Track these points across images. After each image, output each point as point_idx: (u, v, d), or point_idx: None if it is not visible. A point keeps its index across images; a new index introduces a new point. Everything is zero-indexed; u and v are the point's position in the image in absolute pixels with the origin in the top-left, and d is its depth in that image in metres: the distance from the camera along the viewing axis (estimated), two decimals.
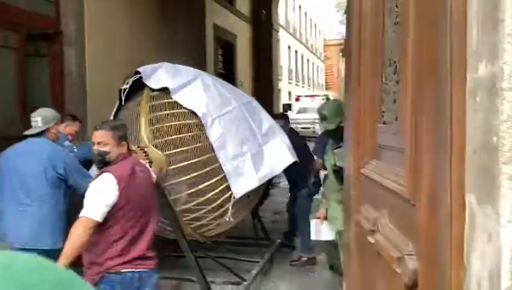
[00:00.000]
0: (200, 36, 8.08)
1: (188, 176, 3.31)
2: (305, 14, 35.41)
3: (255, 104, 4.00)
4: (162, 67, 3.62)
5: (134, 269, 2.59)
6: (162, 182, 3.18)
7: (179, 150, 3.30)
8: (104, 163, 2.68)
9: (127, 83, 3.49)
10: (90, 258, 2.64)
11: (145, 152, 3.19)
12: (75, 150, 3.81)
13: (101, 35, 5.73)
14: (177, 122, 3.33)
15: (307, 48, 36.57)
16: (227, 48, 10.49)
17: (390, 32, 1.71)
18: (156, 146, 3.29)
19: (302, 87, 34.26)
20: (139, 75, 3.49)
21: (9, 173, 3.13)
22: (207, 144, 3.32)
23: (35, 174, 3.07)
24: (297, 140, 4.77)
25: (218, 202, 3.33)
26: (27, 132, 3.31)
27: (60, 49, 5.21)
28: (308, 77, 37.73)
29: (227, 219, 3.23)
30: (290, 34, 29.47)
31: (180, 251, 3.55)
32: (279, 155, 3.59)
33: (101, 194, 2.57)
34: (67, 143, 3.70)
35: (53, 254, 2.73)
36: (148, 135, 3.34)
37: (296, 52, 32.45)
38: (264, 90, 11.96)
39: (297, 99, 23.56)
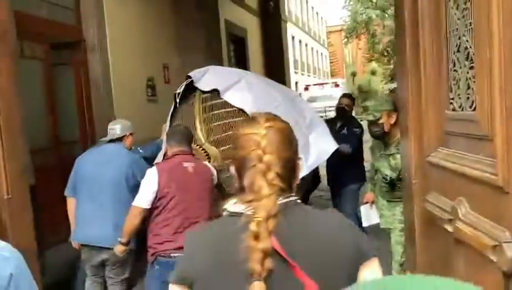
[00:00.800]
0: (215, 33, 8.09)
1: None
2: (306, 1, 35.19)
3: (298, 97, 4.15)
4: (209, 71, 3.76)
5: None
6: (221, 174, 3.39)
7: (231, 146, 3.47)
8: None
9: (181, 88, 3.65)
10: (148, 241, 3.02)
11: (203, 149, 3.39)
12: (141, 151, 4.08)
13: (121, 39, 5.75)
14: (228, 120, 3.51)
15: (311, 36, 36.39)
16: (238, 43, 10.48)
17: (457, 19, 1.70)
18: (210, 143, 3.48)
19: (308, 76, 34.13)
20: (190, 79, 3.65)
21: (88, 177, 3.36)
22: None
23: (115, 180, 3.31)
24: None
25: None
26: (104, 139, 3.62)
27: (83, 56, 5.25)
28: (313, 65, 37.58)
29: None
30: (293, 23, 29.34)
31: None
32: (324, 143, 3.75)
33: (145, 184, 2.97)
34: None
35: (130, 252, 3.25)
36: (203, 133, 3.54)
37: (300, 41, 32.31)
38: (277, 81, 11.94)
39: (306, 89, 23.47)
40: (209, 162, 3.34)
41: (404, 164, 2.35)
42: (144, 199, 2.95)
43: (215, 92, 3.55)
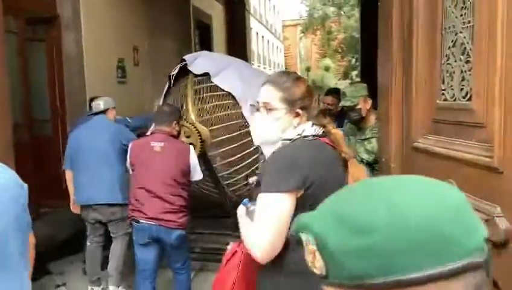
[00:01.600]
0: (185, 18, 8.09)
1: (224, 149, 3.80)
2: None
3: None
4: (201, 55, 4.00)
5: (150, 222, 3.12)
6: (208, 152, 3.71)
7: (219, 126, 3.74)
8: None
9: (175, 69, 3.87)
10: None
11: (195, 128, 3.68)
12: (129, 121, 4.61)
13: (95, 18, 5.69)
14: (217, 103, 3.74)
15: (267, 29, 36.60)
16: (204, 29, 10.48)
17: (455, 17, 1.91)
18: (201, 123, 3.75)
19: (264, 68, 34.39)
20: (184, 62, 3.84)
21: (82, 148, 3.76)
22: (240, 122, 3.70)
23: (106, 148, 3.74)
24: None
25: (247, 172, 3.76)
26: (91, 112, 4.09)
27: (58, 33, 5.16)
28: (268, 58, 37.86)
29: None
30: (251, 14, 29.41)
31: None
32: None
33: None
34: (119, 117, 4.40)
35: (124, 206, 3.57)
36: (194, 113, 3.78)
37: (257, 33, 32.47)
38: None
39: None
40: (200, 139, 3.66)
41: (381, 148, 2.46)
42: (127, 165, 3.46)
43: (206, 76, 3.76)
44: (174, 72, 3.82)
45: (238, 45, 12.01)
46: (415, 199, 0.52)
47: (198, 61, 3.80)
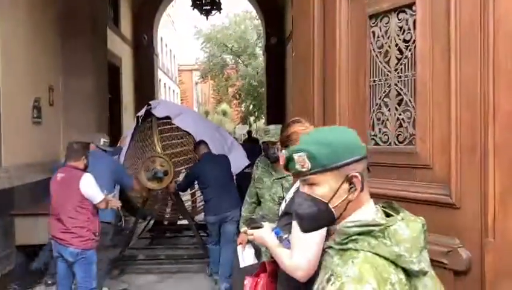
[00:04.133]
0: (101, 60, 7.99)
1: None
2: (161, 38, 35.56)
3: (220, 128, 5.67)
4: (161, 103, 5.30)
5: (55, 240, 3.75)
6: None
7: (180, 158, 4.88)
8: None
9: (142, 112, 4.83)
10: None
11: (162, 158, 4.55)
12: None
13: (12, 56, 5.45)
14: (179, 140, 4.79)
15: (164, 72, 36.68)
16: (113, 70, 10.35)
17: (387, 72, 2.05)
18: (166, 155, 4.73)
19: None
20: (149, 107, 4.84)
21: None
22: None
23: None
24: None
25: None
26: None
27: None
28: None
29: None
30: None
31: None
32: (239, 160, 4.99)
33: None
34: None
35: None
36: (160, 148, 4.76)
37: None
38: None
39: None
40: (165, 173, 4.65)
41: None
42: None
43: (167, 119, 4.75)
44: (141, 113, 4.73)
45: (145, 86, 12.02)
46: (340, 131, 1.25)
47: (160, 107, 4.73)
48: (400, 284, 1.02)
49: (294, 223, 1.67)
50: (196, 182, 4.83)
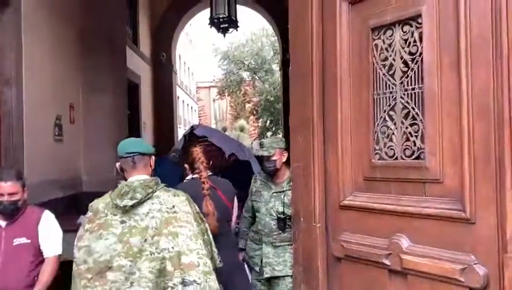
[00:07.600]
0: (120, 78, 8.15)
1: None
2: (179, 56, 36.11)
3: (242, 144, 6.38)
4: (200, 126, 5.95)
5: None
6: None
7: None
8: (18, 210, 3.28)
9: (187, 131, 5.52)
10: None
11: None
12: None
13: (35, 74, 5.61)
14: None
15: (182, 89, 37.16)
16: (132, 88, 10.54)
17: (392, 84, 1.97)
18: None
19: (179, 128, 34.47)
20: (192, 128, 5.48)
21: None
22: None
23: None
24: None
25: None
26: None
27: None
28: (183, 117, 38.15)
29: None
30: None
31: None
32: (257, 165, 5.44)
33: None
34: None
35: None
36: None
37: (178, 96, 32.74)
38: (166, 130, 12.17)
39: None
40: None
41: (297, 207, 2.34)
42: None
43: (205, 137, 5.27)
44: (187, 133, 5.49)
45: (163, 104, 12.20)
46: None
47: (199, 129, 5.50)
48: None
49: None
50: None
